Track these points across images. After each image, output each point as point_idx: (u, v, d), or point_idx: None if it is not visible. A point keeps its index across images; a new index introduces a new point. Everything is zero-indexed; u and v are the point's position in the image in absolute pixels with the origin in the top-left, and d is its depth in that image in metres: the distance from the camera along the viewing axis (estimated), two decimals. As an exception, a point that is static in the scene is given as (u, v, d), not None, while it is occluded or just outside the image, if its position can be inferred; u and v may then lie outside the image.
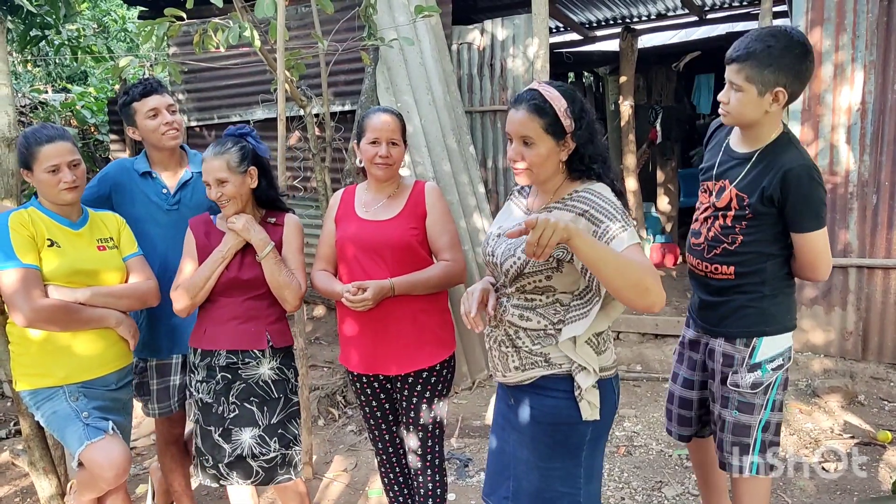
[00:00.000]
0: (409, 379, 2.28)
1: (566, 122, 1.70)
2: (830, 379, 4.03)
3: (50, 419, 2.22)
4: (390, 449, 2.47)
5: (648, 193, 7.58)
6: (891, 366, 4.14)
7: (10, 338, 2.29)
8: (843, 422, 3.63)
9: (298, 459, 2.35)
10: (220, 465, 2.26)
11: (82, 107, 8.35)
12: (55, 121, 7.75)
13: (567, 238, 1.47)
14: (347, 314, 2.28)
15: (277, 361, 2.30)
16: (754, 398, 2.14)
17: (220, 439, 2.25)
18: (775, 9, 4.79)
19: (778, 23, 4.98)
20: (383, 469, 2.53)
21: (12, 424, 4.01)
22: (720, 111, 2.08)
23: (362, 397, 2.41)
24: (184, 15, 3.01)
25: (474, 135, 5.14)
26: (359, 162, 2.33)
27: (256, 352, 2.26)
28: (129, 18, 12.12)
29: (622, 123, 6.70)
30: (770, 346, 2.13)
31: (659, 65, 7.65)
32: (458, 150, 4.57)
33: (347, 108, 5.27)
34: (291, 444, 2.32)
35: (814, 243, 2.02)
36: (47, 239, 2.19)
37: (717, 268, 2.15)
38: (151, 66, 9.15)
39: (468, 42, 5.13)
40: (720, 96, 2.05)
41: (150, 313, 2.55)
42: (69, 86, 10.14)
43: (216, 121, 5.98)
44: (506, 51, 5.00)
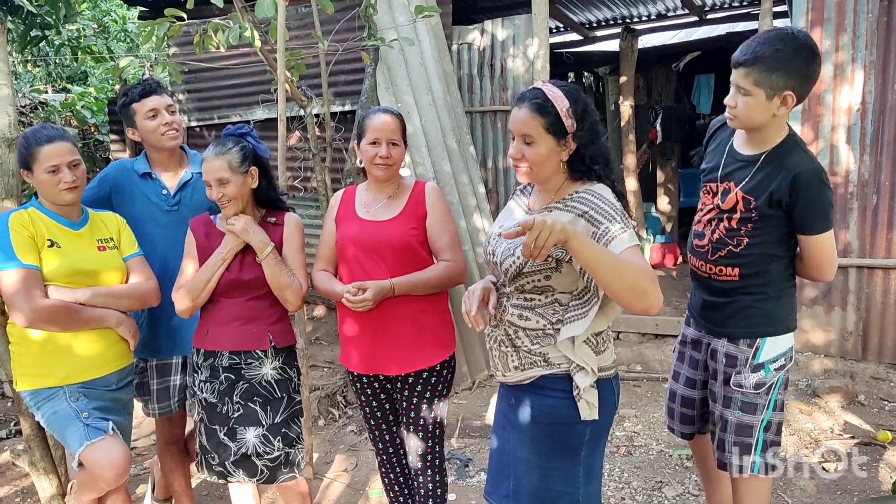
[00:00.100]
0: (410, 379, 2.28)
1: (568, 123, 1.70)
2: (830, 379, 4.03)
3: (50, 419, 2.22)
4: (390, 449, 2.47)
5: (648, 193, 7.58)
6: (891, 366, 4.14)
7: (11, 338, 2.30)
8: (844, 422, 3.63)
9: (302, 458, 2.36)
10: (227, 463, 2.27)
11: (82, 107, 8.35)
12: (55, 121, 7.75)
13: (564, 240, 1.47)
14: (348, 314, 2.29)
15: (280, 361, 2.31)
16: (757, 398, 2.14)
17: (226, 438, 2.26)
18: (775, 9, 4.79)
19: (778, 23, 4.98)
20: (383, 469, 2.53)
21: (13, 425, 4.01)
22: (727, 115, 2.05)
23: (362, 397, 2.41)
24: (184, 15, 3.01)
25: (474, 135, 5.14)
26: (359, 162, 2.33)
27: (259, 352, 2.27)
28: (130, 19, 12.13)
29: (622, 123, 6.70)
30: (773, 347, 2.13)
31: (659, 65, 7.65)
32: (459, 151, 4.56)
33: (348, 109, 5.27)
34: (295, 443, 2.33)
35: (822, 245, 2.03)
36: (47, 239, 2.19)
37: (722, 270, 2.14)
38: (151, 67, 9.15)
39: (468, 42, 5.13)
40: (727, 100, 2.02)
41: (151, 313, 2.55)
42: (69, 86, 10.14)
43: (216, 121, 5.98)
44: (506, 51, 5.00)
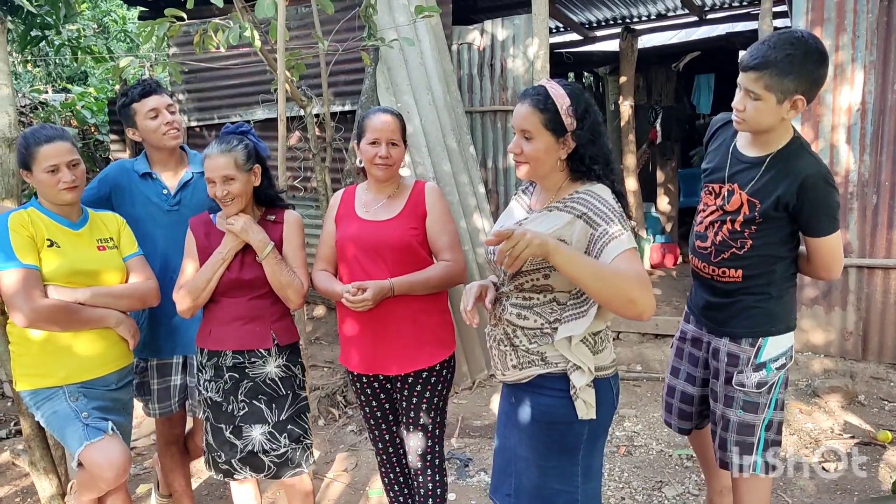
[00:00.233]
0: (409, 379, 2.28)
1: (567, 121, 1.71)
2: (830, 379, 4.03)
3: (50, 419, 2.22)
4: (390, 449, 2.48)
5: (648, 193, 7.58)
6: (891, 366, 4.14)
7: (11, 338, 2.30)
8: (844, 422, 3.63)
9: (310, 453, 2.36)
10: (233, 461, 2.28)
11: (82, 107, 8.35)
12: (55, 121, 7.75)
13: (542, 254, 1.54)
14: (347, 314, 2.28)
15: (284, 359, 2.31)
16: (759, 397, 2.15)
17: (232, 436, 2.27)
18: (775, 9, 4.79)
19: (778, 23, 4.98)
20: (383, 469, 2.53)
21: (13, 424, 4.01)
22: (734, 118, 2.02)
23: (362, 397, 2.41)
24: (184, 15, 3.01)
25: (474, 135, 5.14)
26: (359, 162, 2.33)
27: (262, 351, 2.27)
28: (130, 19, 12.13)
29: (622, 123, 6.70)
30: (774, 346, 2.14)
31: (659, 65, 7.65)
32: (459, 151, 4.56)
33: (348, 109, 5.27)
34: (302, 439, 2.33)
35: (830, 246, 2.04)
36: (47, 239, 2.19)
37: (725, 271, 2.14)
38: (152, 67, 9.15)
39: (468, 42, 5.13)
40: (735, 103, 1.99)
41: (151, 313, 2.55)
42: (69, 86, 10.14)
43: (216, 121, 5.98)
44: (506, 51, 5.00)
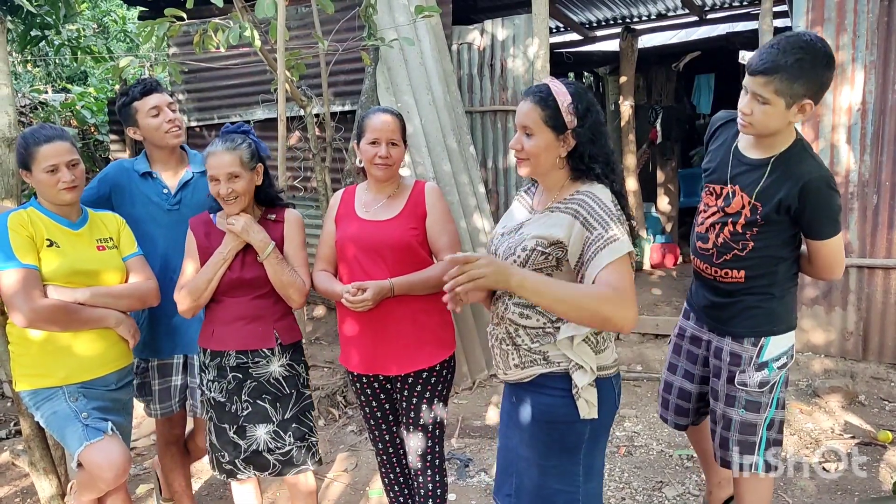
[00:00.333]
0: (409, 379, 2.28)
1: (567, 118, 1.72)
2: (831, 379, 4.03)
3: (49, 419, 2.22)
4: (390, 449, 2.47)
5: (648, 193, 7.58)
6: (891, 366, 4.13)
7: (10, 338, 2.29)
8: (844, 422, 3.63)
9: (315, 450, 2.36)
10: (237, 461, 2.28)
11: (82, 107, 8.35)
12: (55, 121, 7.74)
13: (502, 287, 1.60)
14: (347, 314, 2.28)
15: (287, 358, 2.31)
16: (761, 397, 2.15)
17: (236, 436, 2.26)
18: (775, 9, 4.78)
19: (778, 23, 4.97)
20: (383, 469, 2.53)
21: (13, 425, 4.01)
22: (740, 121, 2.00)
23: (362, 397, 2.41)
24: (184, 15, 3.01)
25: (474, 135, 5.14)
26: (359, 162, 2.33)
27: (266, 350, 2.27)
28: (130, 19, 12.14)
29: (622, 123, 6.70)
30: (776, 346, 2.14)
31: (659, 65, 7.65)
32: (459, 151, 4.56)
33: (348, 109, 5.27)
34: (307, 436, 2.33)
35: (832, 248, 2.04)
36: (46, 239, 2.18)
37: (727, 273, 2.14)
38: (151, 67, 9.15)
39: (468, 42, 5.13)
40: (742, 107, 1.96)
41: (151, 313, 2.55)
42: (69, 86, 10.14)
43: (216, 121, 5.98)
44: (506, 51, 5.00)
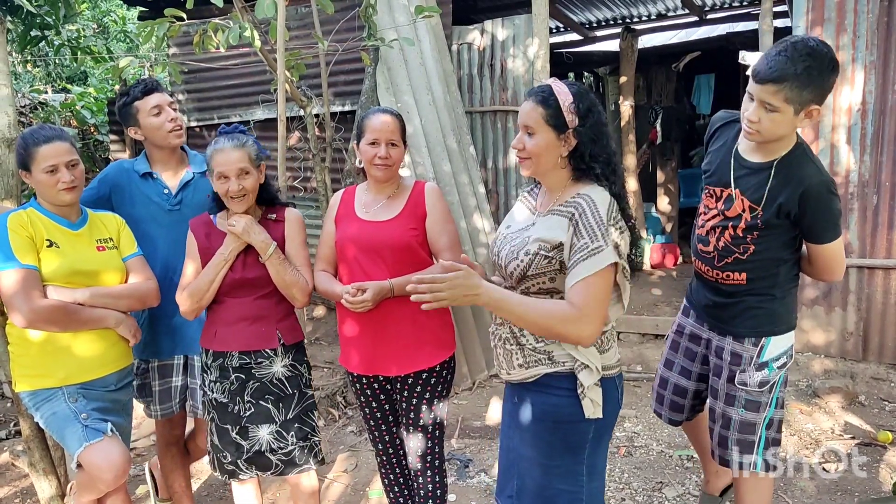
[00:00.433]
0: (409, 380, 2.28)
1: (569, 118, 1.72)
2: (831, 379, 4.02)
3: (49, 420, 2.22)
4: (390, 450, 2.47)
5: (648, 194, 7.58)
6: (891, 366, 4.13)
7: (10, 339, 2.29)
8: (844, 422, 3.63)
9: (318, 449, 2.36)
10: (239, 462, 2.28)
11: (82, 107, 8.35)
12: (55, 121, 7.74)
13: (470, 303, 1.67)
14: (347, 315, 2.28)
15: (290, 358, 2.31)
16: (760, 396, 2.16)
17: (238, 437, 2.26)
18: (775, 9, 4.78)
19: (778, 23, 4.97)
20: (383, 470, 2.52)
21: (12, 425, 4.01)
22: (746, 128, 1.97)
23: (362, 398, 2.41)
24: (184, 15, 3.01)
25: (474, 135, 5.14)
26: (359, 162, 2.32)
27: (269, 351, 2.27)
28: (129, 19, 12.14)
29: (622, 124, 6.70)
30: (777, 346, 2.15)
31: (659, 65, 7.65)
32: (459, 151, 4.56)
33: (348, 109, 5.27)
34: (310, 436, 2.33)
35: (832, 252, 2.05)
36: (46, 239, 2.18)
37: (729, 275, 2.15)
38: (151, 67, 9.15)
39: (468, 42, 5.13)
40: (749, 115, 1.92)
41: (151, 313, 2.55)
42: (69, 86, 10.13)
43: (216, 121, 5.98)
44: (506, 51, 5.00)
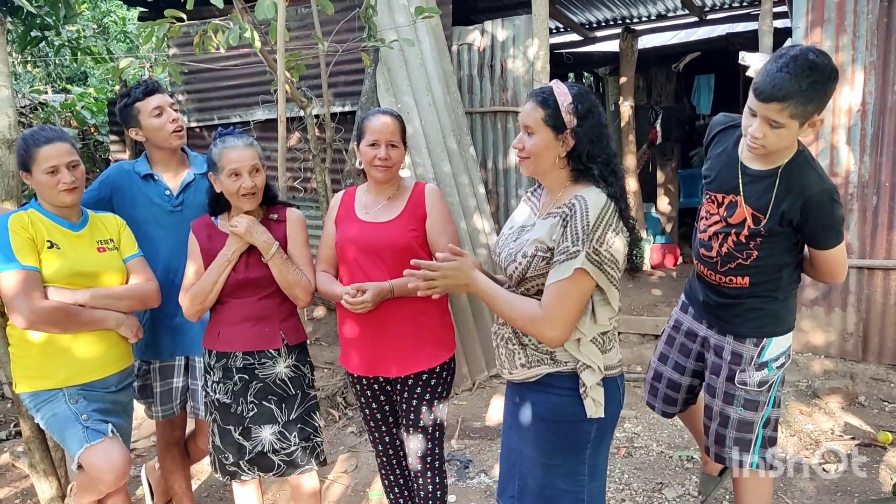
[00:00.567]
0: (409, 381, 2.28)
1: (567, 118, 1.73)
2: (831, 380, 4.03)
3: (50, 421, 2.22)
4: (391, 451, 2.47)
5: (648, 194, 7.58)
6: (891, 367, 4.13)
7: (11, 340, 2.29)
8: (844, 423, 3.63)
9: (321, 450, 2.37)
10: (241, 462, 2.28)
11: (82, 108, 8.35)
12: (55, 122, 7.74)
13: (463, 291, 1.83)
14: (347, 316, 2.28)
15: (293, 359, 2.31)
16: (759, 396, 2.19)
17: (240, 438, 2.27)
18: (775, 9, 4.78)
19: (778, 23, 4.97)
20: (384, 471, 2.53)
21: (12, 426, 4.01)
22: (750, 144, 1.96)
23: (362, 399, 2.41)
24: (184, 16, 3.02)
25: (474, 136, 5.14)
26: (359, 163, 2.33)
27: (272, 351, 2.27)
28: (130, 19, 12.15)
29: (622, 124, 6.70)
30: (777, 346, 2.18)
31: (659, 65, 7.65)
32: (459, 151, 4.56)
33: (348, 109, 5.27)
34: (312, 437, 2.34)
35: (835, 257, 2.06)
36: (47, 241, 2.18)
37: (732, 279, 2.17)
38: (151, 67, 9.16)
39: (468, 43, 5.13)
40: (754, 132, 1.92)
41: (153, 315, 2.55)
42: (69, 87, 10.13)
43: (216, 122, 5.98)
44: (506, 52, 5.00)
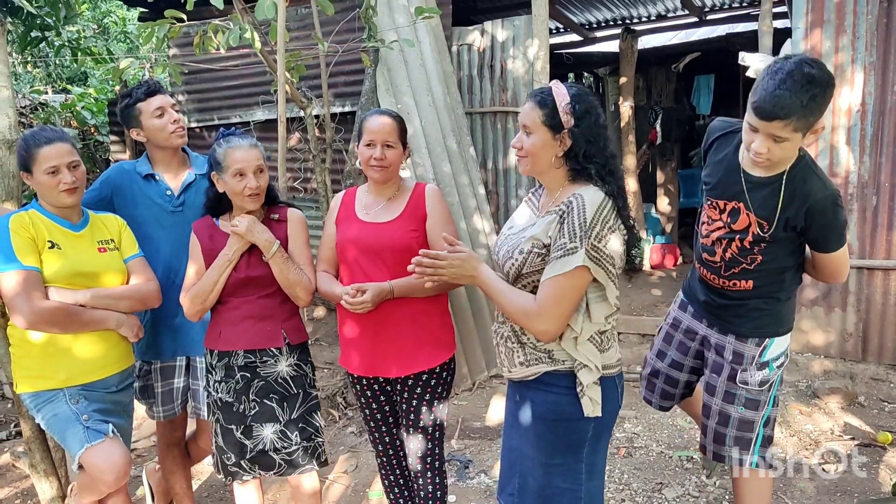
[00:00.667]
0: (409, 381, 2.28)
1: (564, 118, 1.75)
2: (830, 380, 4.03)
3: (50, 422, 2.22)
4: (391, 451, 2.48)
5: (648, 194, 7.58)
6: (891, 367, 4.14)
7: (12, 340, 2.29)
8: (843, 423, 3.63)
9: (322, 450, 2.37)
10: (242, 462, 2.28)
11: (82, 108, 8.35)
12: (55, 122, 7.75)
13: (468, 283, 1.87)
14: (347, 316, 2.28)
15: (294, 358, 2.32)
16: (760, 395, 2.21)
17: (242, 437, 2.27)
18: (775, 10, 4.79)
19: (778, 24, 4.97)
20: (384, 471, 2.53)
21: (13, 426, 4.01)
22: (754, 158, 1.95)
23: (363, 399, 2.41)
24: (184, 17, 3.02)
25: (474, 136, 5.14)
26: (359, 164, 2.33)
27: (274, 350, 2.28)
28: (130, 20, 12.16)
29: (622, 124, 6.70)
30: (778, 346, 2.20)
31: (659, 66, 7.65)
32: (459, 152, 4.56)
33: (348, 110, 5.27)
34: (314, 437, 2.34)
35: (838, 258, 2.08)
36: (48, 241, 2.19)
37: (736, 283, 2.18)
38: (152, 68, 9.16)
39: (468, 43, 5.13)
40: (758, 147, 1.91)
41: (154, 315, 2.56)
42: (69, 87, 10.14)
43: (216, 122, 5.98)
44: (506, 52, 5.00)
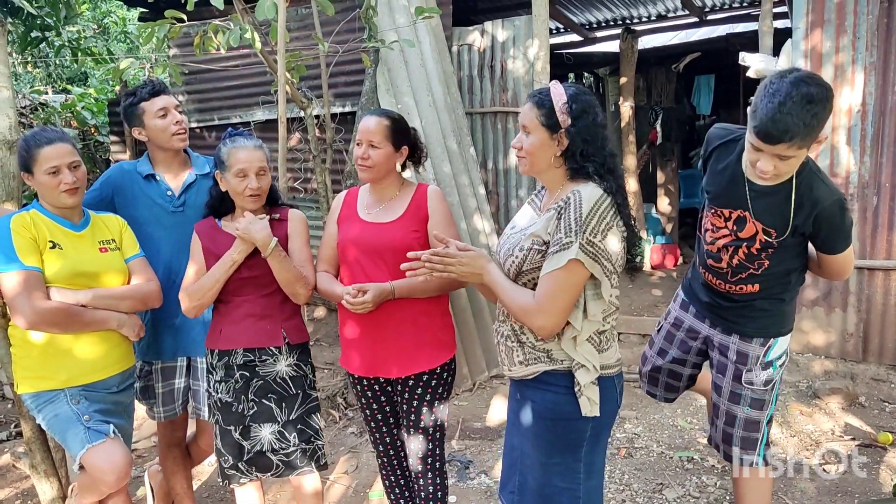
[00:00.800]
0: (410, 382, 2.28)
1: (561, 118, 1.76)
2: (831, 380, 4.03)
3: (51, 422, 2.22)
4: (391, 451, 2.47)
5: (649, 194, 7.58)
6: (891, 367, 4.13)
7: (12, 340, 2.29)
8: (844, 423, 3.63)
9: (322, 453, 2.36)
10: (240, 464, 2.28)
11: (83, 108, 8.35)
12: (55, 122, 7.75)
13: (476, 281, 1.87)
14: (348, 316, 2.28)
15: (294, 358, 2.32)
16: (764, 394, 2.23)
17: (240, 438, 2.27)
18: (775, 10, 4.79)
19: (778, 24, 4.97)
20: (384, 471, 2.53)
21: (13, 427, 4.01)
22: (760, 175, 1.94)
23: (363, 400, 2.41)
24: (184, 17, 3.02)
25: (475, 136, 5.14)
26: (357, 163, 2.33)
27: (273, 349, 2.28)
28: (130, 20, 12.16)
29: (622, 124, 6.70)
30: (781, 345, 2.22)
31: (659, 66, 7.65)
32: (459, 152, 4.56)
33: (348, 110, 5.27)
34: (313, 439, 2.34)
35: (844, 258, 2.09)
36: (49, 241, 2.19)
37: (742, 287, 2.19)
38: (152, 68, 9.16)
39: (468, 43, 5.13)
40: (763, 167, 1.89)
41: (154, 315, 2.56)
42: (69, 87, 10.14)
43: (217, 122, 5.98)
44: (506, 52, 5.00)
